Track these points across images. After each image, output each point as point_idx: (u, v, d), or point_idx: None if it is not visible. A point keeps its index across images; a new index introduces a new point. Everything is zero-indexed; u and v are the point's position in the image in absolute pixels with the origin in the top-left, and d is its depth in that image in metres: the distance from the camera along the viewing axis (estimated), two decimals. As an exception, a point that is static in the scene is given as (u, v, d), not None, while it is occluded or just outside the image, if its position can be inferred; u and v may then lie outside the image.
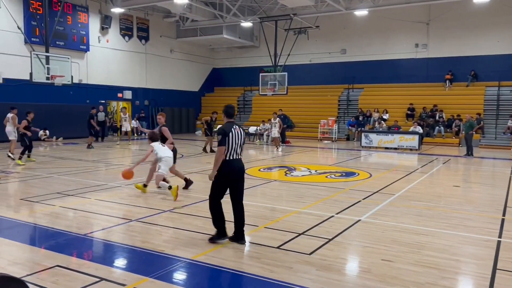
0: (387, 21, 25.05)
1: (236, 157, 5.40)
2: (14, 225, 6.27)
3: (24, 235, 5.97)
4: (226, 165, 5.33)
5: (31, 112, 13.63)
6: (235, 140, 5.33)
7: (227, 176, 5.37)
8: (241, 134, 5.44)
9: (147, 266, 4.61)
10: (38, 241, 5.79)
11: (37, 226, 6.20)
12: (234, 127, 5.39)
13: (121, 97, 25.31)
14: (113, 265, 4.73)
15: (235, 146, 5.34)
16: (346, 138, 24.24)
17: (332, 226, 6.23)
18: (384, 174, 11.68)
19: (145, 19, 26.49)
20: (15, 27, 19.34)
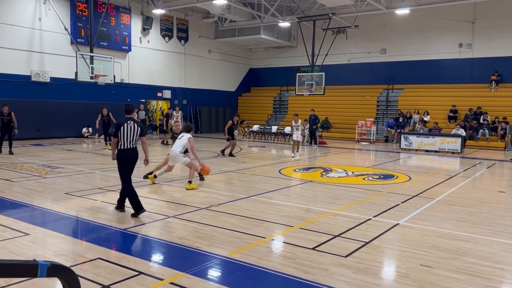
0: (429, 20, 24.30)
1: (128, 147, 6.58)
2: (59, 218, 6.56)
3: (67, 227, 6.23)
4: (120, 153, 6.59)
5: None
6: (127, 133, 6.53)
7: (122, 161, 6.61)
8: (134, 128, 6.59)
9: (183, 262, 4.70)
10: (81, 234, 6.03)
11: (80, 220, 6.45)
12: (128, 122, 6.59)
13: (161, 96, 25.93)
14: (151, 259, 4.85)
15: (127, 138, 6.54)
16: (384, 140, 23.72)
17: (369, 229, 6.11)
18: (424, 178, 11.35)
19: (185, 20, 26.99)
20: (62, 29, 20.24)
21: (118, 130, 6.56)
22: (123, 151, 6.58)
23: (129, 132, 6.55)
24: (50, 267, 1.08)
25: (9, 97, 18.52)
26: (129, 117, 6.73)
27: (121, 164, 6.64)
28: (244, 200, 7.92)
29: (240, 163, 14.01)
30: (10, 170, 10.78)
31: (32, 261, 1.08)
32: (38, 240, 5.43)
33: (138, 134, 6.64)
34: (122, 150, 6.57)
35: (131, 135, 6.57)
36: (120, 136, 6.53)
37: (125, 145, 6.57)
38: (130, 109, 6.83)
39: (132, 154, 6.64)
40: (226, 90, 30.72)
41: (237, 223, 6.32)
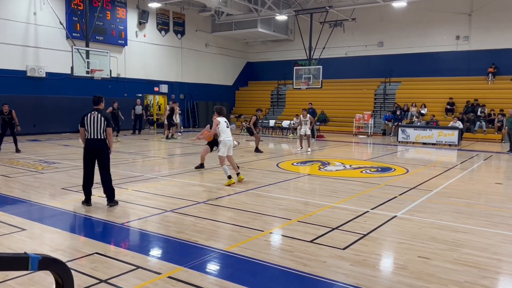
0: (426, 12, 24.23)
1: (94, 137, 6.69)
2: (56, 213, 6.53)
3: (64, 223, 6.20)
4: (86, 142, 6.76)
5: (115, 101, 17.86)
6: (91, 124, 6.66)
7: (86, 150, 6.77)
8: (97, 119, 6.68)
9: (181, 256, 4.69)
10: (78, 229, 6.01)
11: (77, 215, 6.43)
12: (92, 113, 6.73)
13: (158, 91, 25.81)
14: (148, 254, 4.84)
15: (90, 128, 6.66)
16: (382, 133, 23.73)
17: (367, 221, 6.12)
18: (421, 170, 11.36)
19: (181, 14, 26.82)
20: (57, 23, 20.08)
21: (82, 120, 6.72)
22: (87, 141, 6.74)
23: (93, 123, 6.66)
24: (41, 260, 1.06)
25: (4, 93, 18.40)
26: (96, 108, 6.82)
27: (84, 153, 6.82)
28: (241, 194, 7.91)
29: (237, 157, 13.98)
30: (7, 166, 10.73)
31: (22, 254, 1.05)
32: (35, 235, 5.41)
33: (103, 125, 6.69)
34: (87, 139, 6.73)
35: (95, 125, 6.66)
36: (86, 126, 6.69)
37: (90, 135, 6.70)
38: (97, 100, 6.91)
39: (94, 145, 6.70)
40: (223, 84, 30.61)
41: (235, 216, 6.31)
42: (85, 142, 6.77)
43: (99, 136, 6.71)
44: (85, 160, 6.80)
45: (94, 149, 6.73)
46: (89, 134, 6.69)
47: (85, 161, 6.81)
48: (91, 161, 6.78)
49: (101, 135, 6.73)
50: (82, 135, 6.79)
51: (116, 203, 6.83)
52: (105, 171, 6.81)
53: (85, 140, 6.76)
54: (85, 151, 6.79)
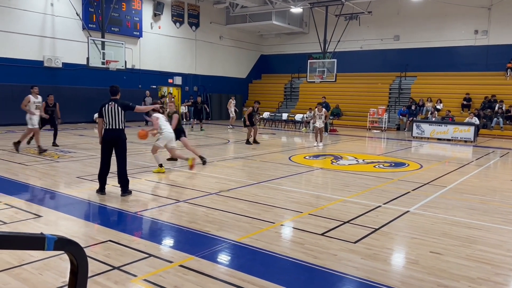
0: (444, 6, 23.80)
1: (112, 127, 6.73)
2: (71, 201, 6.65)
3: (79, 210, 6.31)
4: (104, 133, 6.79)
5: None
6: (109, 114, 6.70)
7: (105, 140, 6.80)
8: (115, 109, 6.73)
9: (193, 246, 4.74)
10: (92, 217, 6.10)
11: (91, 203, 6.53)
12: (109, 103, 6.76)
13: (172, 82, 25.93)
14: (161, 242, 4.90)
15: (109, 118, 6.70)
16: (396, 128, 23.50)
17: (379, 216, 6.09)
18: (435, 166, 11.24)
19: (196, 6, 26.81)
20: (74, 14, 20.24)
21: (100, 110, 6.78)
22: (106, 131, 6.78)
23: (111, 113, 6.72)
24: (57, 240, 1.09)
25: (21, 82, 18.68)
26: (113, 98, 6.87)
27: (102, 143, 6.86)
28: (253, 186, 7.94)
29: (250, 149, 14.01)
30: (24, 154, 10.93)
31: (39, 234, 1.08)
32: (51, 222, 5.52)
33: (121, 114, 6.76)
34: (105, 130, 6.78)
35: (113, 115, 6.72)
36: (104, 117, 6.75)
37: (108, 126, 6.75)
38: (115, 90, 6.94)
39: (112, 135, 6.75)
40: (236, 76, 30.59)
41: (246, 208, 6.34)
42: (103, 132, 6.80)
43: (117, 126, 6.77)
44: (103, 150, 6.87)
45: (112, 139, 6.78)
46: (107, 124, 6.74)
47: (102, 151, 6.87)
48: (109, 151, 6.85)
49: (119, 125, 6.79)
50: (100, 125, 6.84)
51: (130, 193, 6.91)
52: (122, 161, 6.87)
53: (102, 130, 6.81)
54: (103, 140, 6.83)
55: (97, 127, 7.02)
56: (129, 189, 6.94)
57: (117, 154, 6.86)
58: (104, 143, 6.85)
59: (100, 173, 6.88)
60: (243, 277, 3.92)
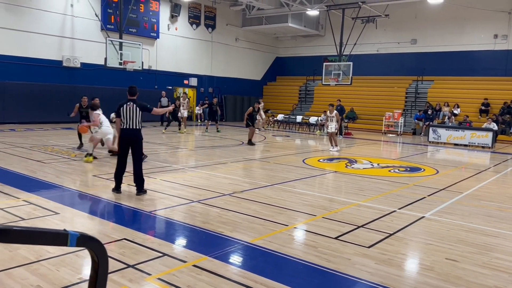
0: (463, 9, 23.49)
1: (130, 127, 6.85)
2: (87, 199, 6.74)
3: (95, 208, 6.40)
4: (122, 132, 6.90)
5: None
6: (127, 114, 6.82)
7: (122, 140, 6.91)
8: (133, 109, 6.86)
9: (206, 246, 4.76)
10: (108, 215, 6.18)
11: (107, 201, 6.61)
12: (127, 103, 6.88)
13: (187, 83, 26.12)
14: (175, 242, 4.94)
15: (127, 118, 6.82)
16: (412, 132, 23.25)
17: (394, 221, 6.03)
18: (452, 171, 11.08)
19: (213, 8, 26.98)
20: (93, 15, 20.57)
21: (118, 110, 6.90)
22: (123, 131, 6.88)
23: (129, 113, 6.83)
24: (79, 237, 1.12)
25: (41, 81, 19.07)
26: (131, 98, 6.97)
27: (119, 142, 7.00)
28: (267, 188, 7.94)
29: (263, 151, 14.02)
30: (42, 152, 11.13)
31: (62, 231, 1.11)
32: (67, 219, 5.61)
33: (138, 114, 6.88)
34: (123, 129, 6.89)
35: (131, 115, 6.83)
36: (122, 117, 6.86)
37: (126, 125, 6.86)
38: (133, 91, 7.06)
39: (130, 134, 6.86)
40: (251, 78, 30.66)
41: (259, 210, 6.34)
42: (120, 132, 6.91)
43: (134, 126, 6.88)
44: (120, 148, 6.98)
45: (129, 138, 6.88)
46: (125, 124, 6.85)
47: (120, 150, 6.98)
48: (125, 150, 6.95)
49: (137, 125, 6.90)
50: (118, 124, 6.97)
51: (145, 192, 6.98)
52: (138, 161, 6.95)
53: (120, 130, 6.92)
54: (121, 140, 6.93)
55: (115, 127, 7.11)
56: (144, 188, 7.01)
57: (134, 153, 6.94)
58: (121, 143, 6.95)
59: (117, 171, 6.98)
60: (256, 278, 3.93)
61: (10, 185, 7.26)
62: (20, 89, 18.42)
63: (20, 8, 18.50)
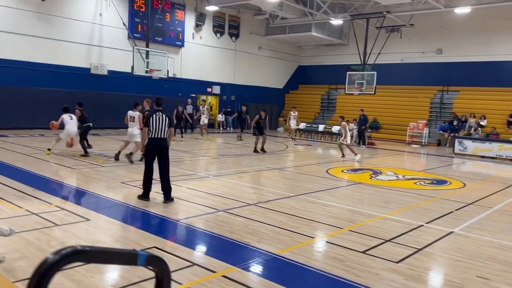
0: (490, 19, 23.06)
1: (157, 136, 7.03)
2: (116, 206, 6.90)
3: (124, 215, 6.54)
4: (149, 141, 7.06)
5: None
6: (156, 124, 7.01)
7: (149, 148, 7.09)
8: (163, 119, 7.07)
9: (234, 256, 4.81)
10: (137, 222, 6.30)
11: (136, 209, 6.74)
12: (156, 113, 7.10)
13: (210, 91, 26.41)
14: (203, 251, 5.01)
15: (156, 128, 7.01)
16: (437, 144, 22.87)
17: (421, 235, 5.96)
18: (479, 185, 10.86)
19: (237, 17, 27.27)
20: (120, 24, 21.08)
21: (148, 120, 7.11)
22: (151, 140, 7.06)
23: (158, 123, 7.02)
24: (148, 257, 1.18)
25: (69, 88, 19.59)
26: (158, 109, 7.22)
27: (146, 152, 7.22)
28: (291, 199, 7.96)
29: (286, 160, 14.05)
30: (71, 158, 11.43)
31: (132, 251, 1.18)
32: (99, 225, 5.75)
33: (167, 124, 7.09)
34: (151, 138, 7.06)
35: (160, 125, 7.03)
36: (150, 126, 7.01)
37: (154, 135, 7.03)
38: (160, 102, 7.34)
39: (158, 144, 7.06)
40: (273, 87, 30.78)
41: (285, 221, 6.36)
42: (148, 141, 7.06)
43: (162, 136, 7.07)
44: (148, 157, 7.16)
45: (158, 147, 7.06)
46: (153, 133, 7.01)
47: (147, 158, 7.17)
48: (153, 158, 7.12)
49: (164, 134, 7.09)
50: (145, 134, 7.12)
51: (172, 200, 7.09)
52: (165, 169, 7.09)
53: (147, 139, 7.07)
54: (148, 149, 7.11)
55: (142, 136, 7.30)
56: (171, 196, 7.12)
57: (161, 162, 7.09)
58: (149, 151, 7.13)
59: (145, 179, 7.12)
60: (285, 291, 3.95)
61: (42, 190, 7.49)
62: (50, 95, 18.95)
63: (52, 17, 19.12)
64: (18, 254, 4.49)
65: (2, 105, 17.56)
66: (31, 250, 4.61)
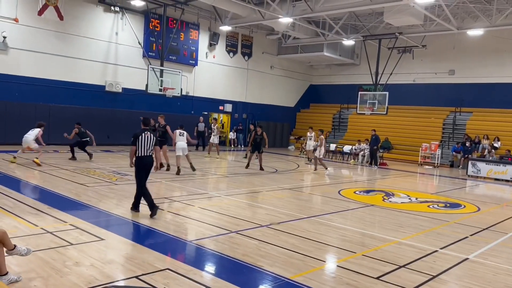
0: (503, 41, 23.02)
1: (145, 154, 7.50)
2: (130, 225, 6.94)
3: (138, 235, 6.57)
4: (138, 160, 7.50)
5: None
6: (144, 143, 7.46)
7: (139, 167, 7.53)
8: (150, 138, 7.57)
9: (248, 280, 4.80)
10: (150, 243, 6.31)
11: (149, 229, 6.77)
12: (145, 132, 7.54)
13: (222, 109, 26.62)
14: (217, 275, 5.00)
15: (145, 146, 7.46)
16: (449, 165, 22.64)
17: (436, 261, 5.88)
18: (494, 209, 10.70)
19: (249, 36, 27.64)
20: (136, 43, 21.51)
21: (136, 139, 7.46)
22: (140, 158, 7.49)
23: (146, 141, 7.49)
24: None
25: (84, 105, 19.92)
26: (145, 128, 7.65)
27: (138, 170, 7.57)
28: (304, 221, 7.92)
29: (297, 180, 14.01)
30: (85, 175, 11.55)
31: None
32: (112, 245, 5.78)
33: (153, 143, 7.59)
34: (140, 157, 7.48)
35: (148, 143, 7.52)
36: (138, 145, 7.43)
37: (142, 153, 7.48)
38: (147, 122, 7.83)
39: (148, 161, 7.59)
40: (285, 105, 30.92)
41: (298, 244, 6.33)
42: (138, 159, 7.48)
43: (150, 153, 7.61)
44: (140, 174, 7.57)
45: (148, 164, 7.62)
46: (142, 152, 7.47)
47: (140, 175, 7.57)
48: (144, 174, 7.61)
49: (151, 151, 7.64)
50: (133, 153, 7.54)
51: (157, 207, 7.46)
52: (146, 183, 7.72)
53: (136, 158, 7.50)
54: (141, 166, 7.53)
55: (130, 155, 7.71)
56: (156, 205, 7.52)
57: (147, 177, 7.70)
58: (142, 168, 7.56)
59: (140, 193, 7.61)
60: (299, 318, 3.92)
61: (57, 208, 7.58)
62: (65, 112, 19.27)
63: (70, 36, 19.58)
64: (34, 273, 4.54)
65: (17, 121, 17.89)
66: (47, 270, 4.65)
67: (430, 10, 20.14)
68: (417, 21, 20.21)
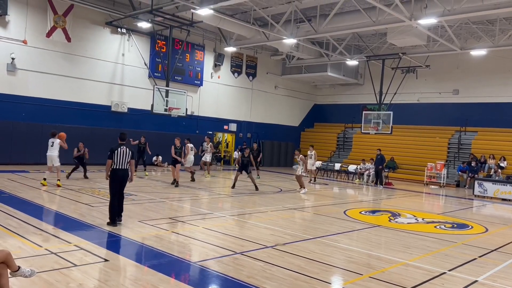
0: (507, 61, 23.14)
1: (121, 167, 8.01)
2: (134, 246, 6.89)
3: (142, 257, 6.52)
4: (113, 172, 8.00)
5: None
6: (120, 156, 7.96)
7: (113, 179, 8.03)
8: (126, 152, 8.06)
9: (253, 303, 4.72)
10: (154, 264, 6.25)
11: (153, 250, 6.71)
12: (121, 147, 8.03)
13: (227, 129, 26.73)
14: (221, 297, 4.93)
15: (120, 160, 7.96)
16: (455, 185, 22.46)
17: (445, 284, 5.78)
18: (502, 230, 10.55)
19: (254, 57, 27.95)
20: (142, 63, 21.81)
21: (112, 153, 7.94)
22: (115, 171, 7.97)
23: (122, 155, 7.98)
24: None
25: (90, 125, 20.07)
26: (122, 143, 8.16)
27: (112, 181, 8.04)
28: (309, 241, 7.84)
29: (302, 200, 13.93)
30: (89, 195, 11.56)
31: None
32: (116, 267, 5.74)
33: (129, 157, 8.08)
34: (115, 170, 7.97)
35: (124, 157, 8.00)
36: (114, 159, 7.91)
37: (118, 166, 7.97)
38: (124, 137, 8.33)
39: (123, 174, 8.09)
40: (289, 124, 31.02)
41: (303, 265, 6.25)
42: (113, 172, 7.96)
43: (126, 166, 8.08)
44: (115, 186, 8.05)
45: (123, 177, 8.10)
46: (118, 165, 7.96)
47: (115, 186, 8.05)
48: (120, 187, 8.10)
49: (127, 165, 8.11)
50: (109, 166, 7.98)
51: (120, 221, 8.12)
52: (122, 195, 8.23)
53: (111, 170, 7.96)
54: (116, 178, 8.01)
55: (106, 168, 8.07)
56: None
57: (122, 189, 8.17)
58: (117, 180, 8.03)
59: (114, 205, 7.99)
60: None
61: (61, 228, 7.57)
62: (71, 132, 19.32)
63: (77, 57, 19.87)
64: (38, 295, 4.50)
65: (24, 141, 18.05)
66: (50, 292, 4.61)
67: (433, 31, 20.33)
68: (420, 41, 20.39)
